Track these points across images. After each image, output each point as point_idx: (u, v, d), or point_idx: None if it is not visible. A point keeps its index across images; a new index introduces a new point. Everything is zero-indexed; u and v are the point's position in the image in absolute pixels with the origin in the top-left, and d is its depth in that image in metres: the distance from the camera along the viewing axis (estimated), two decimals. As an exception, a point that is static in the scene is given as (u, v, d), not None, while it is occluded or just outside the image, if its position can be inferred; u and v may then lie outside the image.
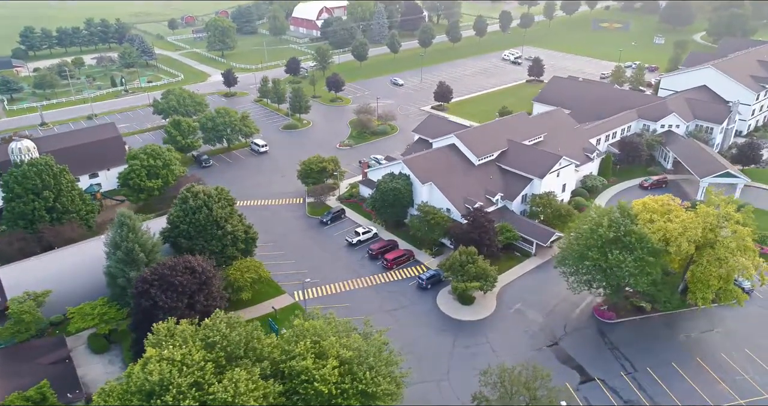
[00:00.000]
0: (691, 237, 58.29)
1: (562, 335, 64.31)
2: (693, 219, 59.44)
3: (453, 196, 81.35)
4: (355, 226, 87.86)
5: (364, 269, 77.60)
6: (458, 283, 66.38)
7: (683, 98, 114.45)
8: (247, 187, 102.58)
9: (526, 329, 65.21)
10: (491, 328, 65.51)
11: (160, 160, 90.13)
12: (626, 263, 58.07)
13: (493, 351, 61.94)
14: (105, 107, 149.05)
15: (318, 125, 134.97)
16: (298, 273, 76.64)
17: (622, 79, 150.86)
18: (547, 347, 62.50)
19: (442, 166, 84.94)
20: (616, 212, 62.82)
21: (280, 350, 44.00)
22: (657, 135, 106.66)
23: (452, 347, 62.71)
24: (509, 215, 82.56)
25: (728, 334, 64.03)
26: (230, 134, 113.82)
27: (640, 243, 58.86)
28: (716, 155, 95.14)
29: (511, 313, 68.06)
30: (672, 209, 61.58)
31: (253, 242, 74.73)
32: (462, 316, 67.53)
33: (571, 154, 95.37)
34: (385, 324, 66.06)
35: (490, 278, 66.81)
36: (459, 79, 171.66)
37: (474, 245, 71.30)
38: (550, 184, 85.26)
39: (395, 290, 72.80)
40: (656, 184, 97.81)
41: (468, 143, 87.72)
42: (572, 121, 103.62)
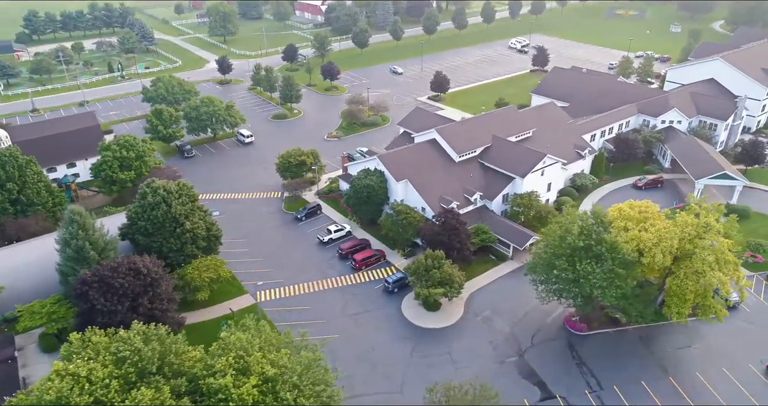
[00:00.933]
0: (666, 248, 54.04)
1: (528, 346, 60.79)
2: (669, 229, 55.09)
3: (428, 195, 77.77)
4: (330, 223, 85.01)
5: (332, 269, 74.81)
6: (421, 289, 63.18)
7: (687, 92, 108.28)
8: (226, 180, 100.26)
9: (491, 339, 61.85)
10: (454, 337, 62.32)
11: (133, 152, 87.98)
12: (594, 274, 54.18)
13: (452, 362, 58.83)
14: (98, 94, 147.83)
15: (309, 115, 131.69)
16: (263, 272, 74.25)
17: (629, 70, 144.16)
18: (510, 360, 59.17)
19: (420, 163, 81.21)
20: (590, 218, 58.78)
21: (204, 364, 41.54)
22: (656, 131, 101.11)
23: (410, 356, 59.75)
24: (488, 215, 78.73)
25: (707, 350, 59.86)
26: (214, 124, 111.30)
27: (611, 253, 54.83)
28: (715, 155, 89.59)
29: (478, 321, 64.71)
30: (649, 217, 57.21)
31: (216, 239, 72.33)
32: (425, 323, 64.43)
33: (560, 151, 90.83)
34: (345, 329, 63.84)
35: (456, 284, 63.44)
36: (461, 68, 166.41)
37: (444, 248, 67.99)
38: (533, 184, 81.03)
39: (361, 293, 69.94)
40: (651, 184, 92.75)
41: (449, 139, 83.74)
42: (565, 116, 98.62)
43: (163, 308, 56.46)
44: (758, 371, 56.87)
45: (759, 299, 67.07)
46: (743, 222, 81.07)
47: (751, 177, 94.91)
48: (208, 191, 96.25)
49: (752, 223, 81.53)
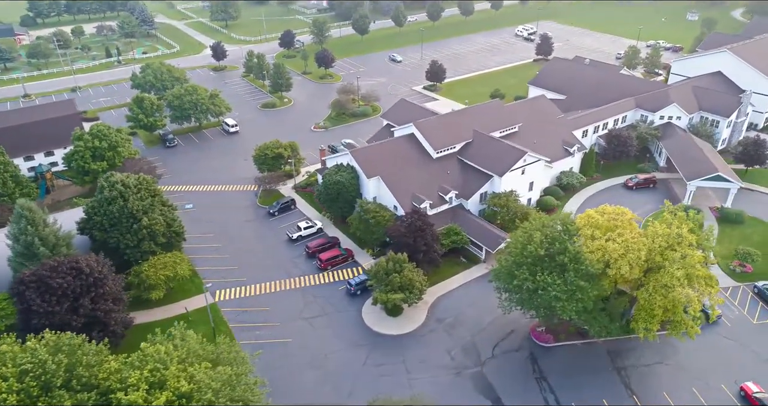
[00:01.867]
0: (633, 260, 50.26)
1: (489, 357, 57.80)
2: (638, 239, 51.20)
3: (401, 193, 74.56)
4: (301, 219, 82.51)
5: (297, 268, 72.40)
6: (379, 294, 60.41)
7: (690, 86, 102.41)
8: (205, 170, 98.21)
9: (450, 348, 59.00)
10: (412, 344, 59.58)
11: (106, 142, 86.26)
12: (554, 286, 50.78)
13: (406, 372, 56.18)
14: (92, 79, 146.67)
15: (299, 104, 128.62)
16: (226, 270, 72.23)
17: (635, 61, 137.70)
18: (467, 372, 56.31)
19: (395, 159, 77.86)
20: (558, 224, 55.19)
21: (119, 376, 39.56)
22: (653, 128, 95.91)
23: (363, 364, 57.29)
24: (462, 215, 75.29)
25: (679, 368, 56.16)
26: (197, 113, 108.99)
27: (573, 264, 51.33)
28: (711, 154, 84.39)
29: (440, 328, 61.82)
30: (619, 225, 53.28)
31: (177, 236, 70.45)
32: (384, 329, 61.78)
33: (547, 147, 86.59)
34: (300, 333, 61.59)
35: (416, 289, 60.50)
36: (462, 57, 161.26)
37: (409, 250, 65.01)
38: (512, 183, 77.20)
39: (323, 295, 67.48)
40: (643, 184, 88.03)
41: (426, 133, 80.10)
42: (555, 110, 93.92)
43: (107, 309, 54.65)
44: (731, 393, 53.15)
45: (743, 312, 62.90)
46: (737, 227, 76.91)
47: (752, 178, 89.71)
48: (185, 183, 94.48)
49: (746, 228, 76.75)
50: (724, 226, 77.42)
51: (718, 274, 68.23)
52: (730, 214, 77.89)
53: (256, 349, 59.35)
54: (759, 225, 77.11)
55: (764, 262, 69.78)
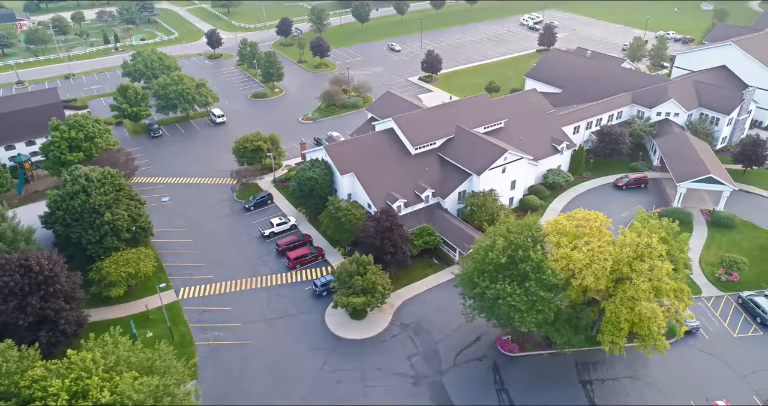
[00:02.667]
0: (598, 271, 47.43)
1: (450, 366, 55.64)
2: (605, 248, 48.27)
3: (374, 191, 72.19)
4: (277, 214, 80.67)
5: (266, 266, 70.67)
6: (339, 297, 58.41)
7: (691, 81, 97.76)
8: (187, 162, 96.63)
9: (411, 355, 56.94)
10: (372, 350, 57.60)
11: (82, 133, 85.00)
12: (514, 296, 48.26)
13: (362, 380, 54.28)
14: (86, 67, 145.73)
15: (291, 94, 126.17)
16: (194, 266, 70.75)
17: (640, 53, 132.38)
18: (426, 381, 54.24)
19: (372, 155, 75.35)
20: (527, 229, 52.41)
21: (43, 384, 38.22)
22: (648, 124, 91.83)
23: (319, 370, 55.53)
24: (438, 215, 72.70)
25: (648, 382, 53.37)
26: (183, 104, 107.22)
27: (535, 273, 48.69)
28: (706, 154, 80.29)
29: (403, 333, 59.74)
30: (587, 232, 50.32)
31: (144, 231, 69.00)
32: (346, 332, 59.87)
33: (534, 144, 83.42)
34: (260, 335, 59.97)
35: (378, 293, 58.35)
36: (463, 47, 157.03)
37: (375, 252, 62.83)
38: (492, 181, 74.31)
39: (288, 295, 65.68)
40: (634, 184, 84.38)
41: (406, 129, 77.35)
42: (546, 105, 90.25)
43: (58, 308, 53.45)
44: (700, 412, 50.56)
45: (723, 324, 59.71)
46: (727, 232, 73.27)
47: (750, 179, 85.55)
48: (166, 174, 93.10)
49: (737, 234, 73.01)
50: (714, 230, 73.76)
51: (701, 282, 65.14)
52: (720, 218, 74.15)
53: (213, 350, 58.54)
54: (751, 230, 73.26)
55: (752, 270, 66.29)
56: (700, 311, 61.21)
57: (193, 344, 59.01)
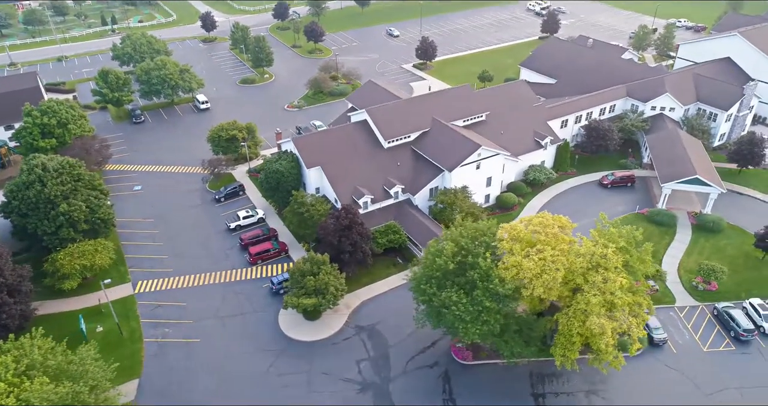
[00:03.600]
0: (548, 282, 44.56)
1: (400, 373, 53.55)
2: (557, 258, 45.27)
3: (341, 185, 69.71)
4: (246, 206, 78.81)
5: (228, 261, 69.01)
6: (290, 297, 56.45)
7: (690, 74, 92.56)
8: (165, 149, 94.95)
9: (361, 360, 54.96)
10: (322, 353, 55.75)
11: (55, 119, 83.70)
12: (459, 306, 45.75)
13: (307, 384, 52.54)
14: (80, 49, 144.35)
15: (280, 80, 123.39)
16: (155, 259, 69.42)
17: (646, 42, 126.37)
18: (372, 388, 52.24)
19: (342, 148, 72.68)
20: (480, 234, 49.60)
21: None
22: (641, 120, 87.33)
23: (265, 372, 53.90)
24: (407, 212, 70.05)
25: (605, 398, 50.50)
26: (165, 89, 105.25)
27: (483, 282, 46.04)
28: (696, 153, 75.82)
29: (356, 336, 57.74)
30: (542, 239, 47.29)
31: (103, 223, 67.61)
32: (297, 334, 58.04)
33: (517, 138, 79.93)
34: (210, 333, 58.47)
35: (330, 295, 56.23)
36: (464, 33, 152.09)
37: (333, 250, 60.65)
38: (465, 178, 71.28)
39: (246, 292, 64.01)
40: (620, 183, 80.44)
41: (379, 121, 74.39)
42: (532, 97, 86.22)
43: (0, 302, 52.57)
44: (656, 432, 47.81)
45: (694, 337, 56.44)
46: (711, 237, 69.40)
47: (745, 180, 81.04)
48: (142, 162, 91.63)
49: (722, 239, 69.06)
50: (699, 235, 69.89)
51: (677, 290, 61.71)
52: (706, 221, 70.16)
53: (161, 348, 57.28)
54: (738, 236, 69.21)
55: (733, 279, 62.65)
56: (671, 321, 58.01)
57: (142, 341, 57.79)
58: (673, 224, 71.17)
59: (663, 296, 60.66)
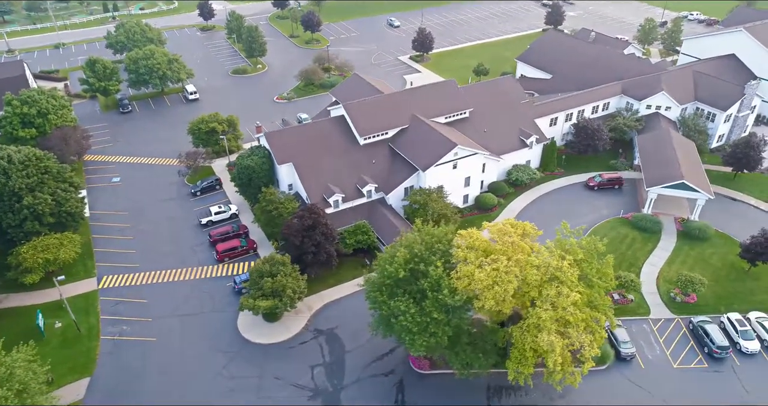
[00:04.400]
0: (499, 295, 42.34)
1: (353, 381, 51.97)
2: (511, 269, 42.94)
3: (312, 183, 67.86)
4: (221, 201, 77.57)
5: (195, 257, 67.88)
6: (247, 299, 55.05)
7: (690, 71, 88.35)
8: (149, 141, 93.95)
9: (315, 365, 53.48)
10: (277, 357, 54.39)
11: (35, 109, 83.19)
12: (406, 316, 43.86)
13: (257, 389, 51.26)
14: (79, 36, 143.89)
15: (273, 71, 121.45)
16: (123, 253, 68.60)
17: (652, 36, 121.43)
18: (323, 395, 50.76)
19: (316, 144, 70.66)
20: (436, 241, 47.47)
21: None
22: (635, 119, 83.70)
23: (217, 375, 52.76)
24: (379, 212, 68.01)
25: (563, 414, 48.70)
26: (153, 79, 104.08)
27: (432, 292, 44.02)
28: (688, 156, 72.19)
29: (314, 340, 56.22)
30: (498, 248, 44.98)
31: (70, 216, 66.79)
32: (254, 335, 56.75)
33: (500, 136, 77.24)
34: (167, 332, 57.50)
35: (287, 298, 54.70)
36: (466, 24, 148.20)
37: (295, 251, 59.08)
38: (441, 177, 68.97)
39: (209, 290, 62.79)
40: (607, 185, 77.26)
41: (356, 117, 72.21)
42: (520, 94, 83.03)
43: (-48, 296, 52.23)
44: (612, 453, 45.55)
45: (665, 352, 53.73)
46: (697, 245, 66.19)
47: (740, 184, 77.29)
48: (123, 153, 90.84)
49: (708, 247, 65.77)
50: (683, 242, 66.69)
51: (653, 302, 58.90)
52: (692, 228, 66.90)
53: (116, 346, 56.50)
54: (724, 244, 65.83)
55: (714, 291, 59.62)
56: (643, 334, 55.38)
57: (99, 338, 57.08)
58: (658, 230, 68.06)
59: (637, 307, 57.99)
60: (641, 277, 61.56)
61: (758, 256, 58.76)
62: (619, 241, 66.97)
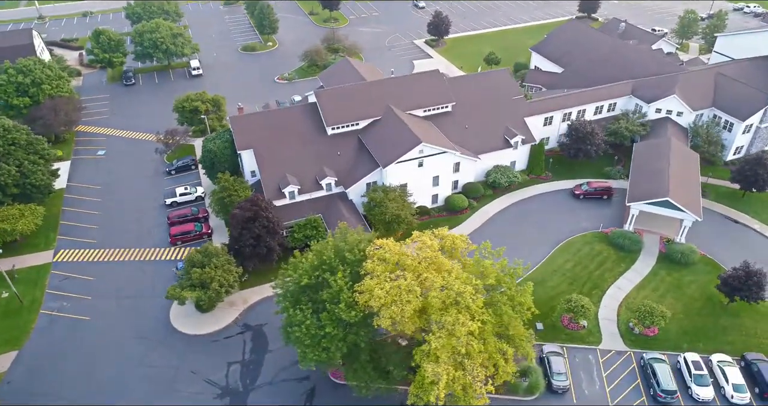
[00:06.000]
0: (395, 315, 38.97)
1: (265, 383, 50.15)
2: (413, 289, 39.34)
3: (270, 171, 65.71)
4: (194, 182, 76.94)
5: (151, 238, 67.64)
6: (174, 288, 54.02)
7: (714, 73, 79.16)
8: (143, 115, 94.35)
9: (233, 362, 52.09)
10: (199, 349, 53.30)
11: (29, 78, 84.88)
12: (301, 327, 41.36)
13: (170, 381, 50.43)
14: (106, 5, 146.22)
15: (284, 49, 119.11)
16: (85, 228, 69.24)
17: (691, 29, 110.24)
18: (231, 395, 49.37)
19: (282, 131, 68.27)
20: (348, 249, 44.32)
21: None
22: (639, 123, 76.06)
23: (135, 362, 52.34)
24: (337, 207, 65.16)
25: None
26: (157, 53, 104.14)
27: (331, 304, 41.20)
28: (683, 169, 64.66)
29: (240, 335, 54.74)
30: (408, 263, 41.30)
31: (36, 188, 67.89)
32: (183, 325, 55.86)
33: (483, 134, 72.47)
34: (102, 313, 57.80)
35: (213, 290, 53.29)
36: (495, 8, 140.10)
37: (235, 242, 57.51)
38: (405, 175, 65.22)
39: (153, 273, 62.31)
40: (594, 194, 70.92)
41: (325, 105, 69.11)
42: (514, 89, 76.93)
43: None
44: None
45: (606, 387, 48.68)
46: (676, 270, 59.86)
47: (748, 205, 69.25)
48: (116, 126, 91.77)
49: (688, 274, 59.06)
50: (662, 266, 60.21)
51: (608, 331, 53.61)
52: (674, 252, 60.26)
53: (51, 321, 57.21)
54: (708, 272, 58.78)
55: (680, 325, 53.55)
56: (587, 366, 50.49)
57: (38, 312, 57.97)
58: (636, 249, 61.82)
59: (588, 335, 52.95)
60: (603, 301, 56.22)
61: (735, 291, 52.11)
62: (590, 258, 61.37)
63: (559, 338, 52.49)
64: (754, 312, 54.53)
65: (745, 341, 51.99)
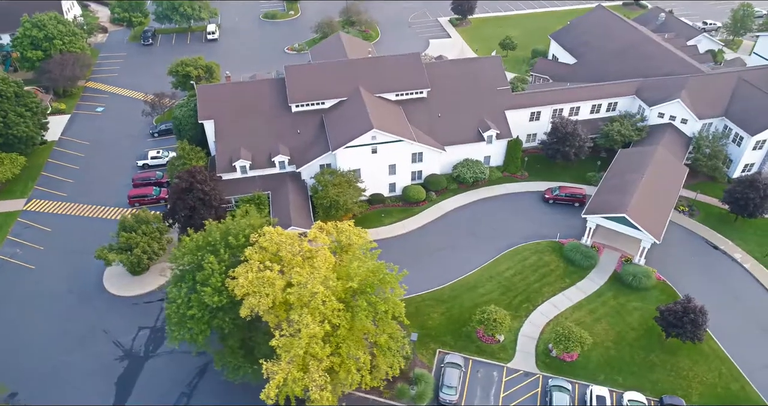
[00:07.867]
0: (253, 305, 37.94)
1: (165, 352, 50.99)
2: (275, 282, 37.99)
3: (225, 144, 65.51)
4: (170, 146, 78.46)
5: (114, 198, 69.76)
6: (101, 249, 55.64)
7: (735, 77, 69.92)
8: (152, 75, 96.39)
9: (144, 327, 53.36)
10: (118, 310, 54.88)
11: (42, 33, 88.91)
12: (172, 306, 41.42)
13: (80, 338, 52.44)
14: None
15: (303, 18, 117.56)
16: (60, 181, 72.67)
17: (746, 26, 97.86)
18: (130, 358, 50.77)
19: (246, 103, 67.53)
20: (233, 234, 43.30)
21: None
22: (635, 127, 68.94)
23: (58, 317, 54.52)
24: (287, 186, 64.16)
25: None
26: (174, 15, 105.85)
27: (201, 286, 40.80)
28: (654, 184, 57.86)
29: (157, 302, 55.72)
30: (282, 256, 39.87)
31: (18, 139, 71.57)
32: (112, 285, 57.61)
33: (455, 124, 68.86)
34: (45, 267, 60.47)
35: (135, 256, 54.46)
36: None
37: (170, 212, 58.27)
38: (357, 161, 63.07)
39: (106, 233, 62.77)
40: (564, 200, 65.57)
41: (293, 81, 67.63)
42: (500, 79, 71.50)
43: None
44: None
45: (506, 411, 45.83)
46: (626, 294, 54.79)
47: (738, 231, 61.72)
48: (122, 85, 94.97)
49: (636, 300, 53.51)
50: (611, 287, 54.95)
51: (524, 350, 49.97)
52: (626, 273, 54.81)
53: (2, 265, 60.84)
54: (661, 301, 52.75)
55: (605, 355, 49.00)
56: (487, 382, 47.45)
57: None
58: (589, 265, 56.79)
59: (500, 351, 49.67)
60: (531, 317, 52.37)
61: (671, 326, 46.81)
62: (534, 269, 57.17)
63: (467, 349, 49.70)
64: (695, 352, 48.95)
65: (673, 382, 46.89)
